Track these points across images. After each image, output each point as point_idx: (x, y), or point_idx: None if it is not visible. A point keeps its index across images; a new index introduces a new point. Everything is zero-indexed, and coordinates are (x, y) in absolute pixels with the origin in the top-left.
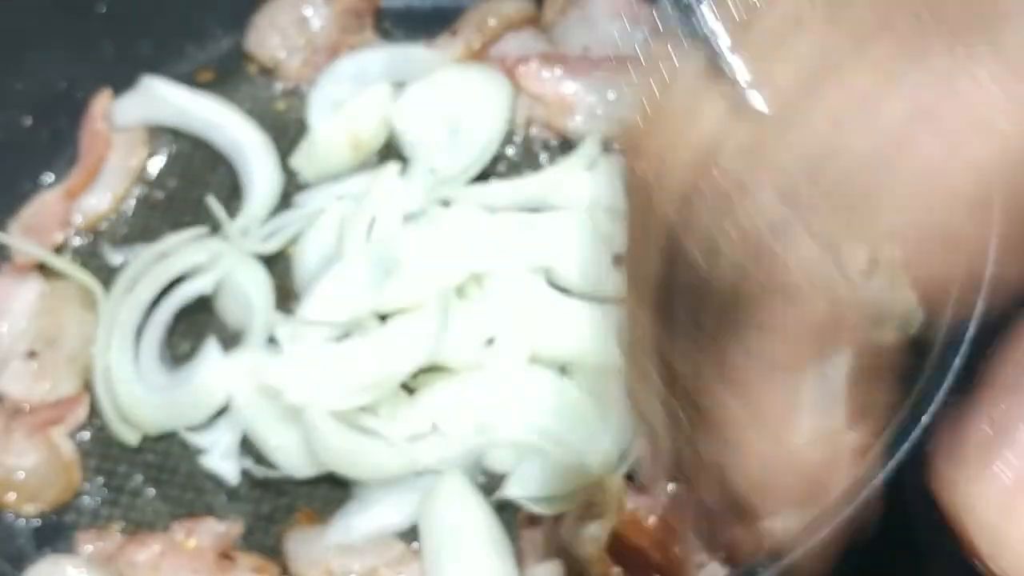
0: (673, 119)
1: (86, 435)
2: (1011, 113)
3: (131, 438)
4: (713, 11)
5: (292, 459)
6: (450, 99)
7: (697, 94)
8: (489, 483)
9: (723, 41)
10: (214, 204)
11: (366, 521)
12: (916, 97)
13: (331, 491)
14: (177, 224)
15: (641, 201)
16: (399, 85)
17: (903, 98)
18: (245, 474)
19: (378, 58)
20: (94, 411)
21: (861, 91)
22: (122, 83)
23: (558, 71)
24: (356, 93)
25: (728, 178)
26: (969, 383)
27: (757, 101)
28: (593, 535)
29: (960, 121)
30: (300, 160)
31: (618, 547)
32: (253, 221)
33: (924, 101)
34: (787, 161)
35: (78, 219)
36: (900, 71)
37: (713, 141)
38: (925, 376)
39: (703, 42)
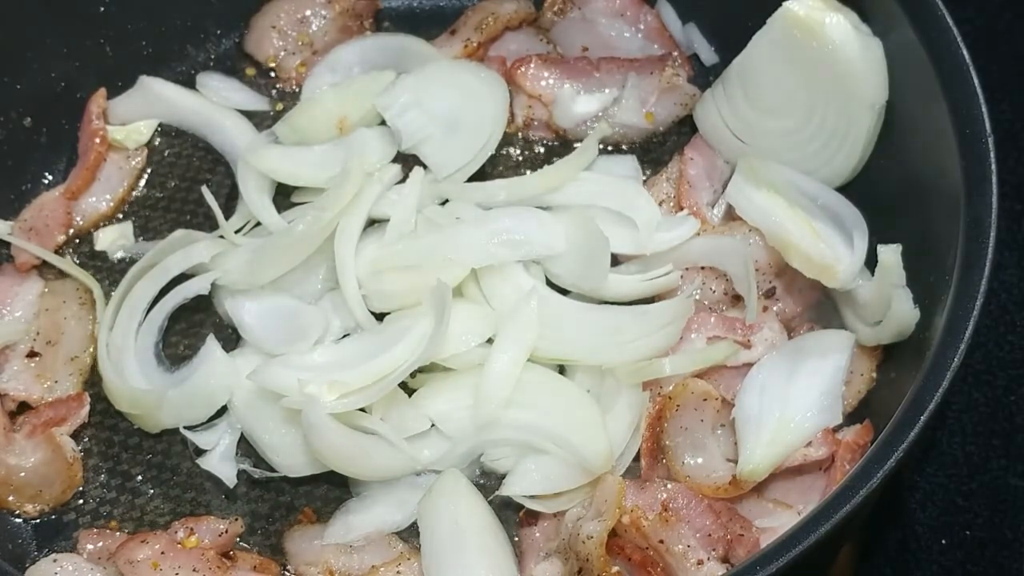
0: None
1: (87, 435)
2: None
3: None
4: None
5: (288, 459)
6: (444, 94)
7: None
8: (489, 483)
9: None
10: (209, 197)
11: (366, 520)
12: None
13: (331, 491)
14: (177, 224)
15: None
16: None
17: None
18: (245, 474)
19: (377, 46)
20: (94, 410)
21: None
22: (122, 83)
23: (557, 71)
24: (353, 77)
25: None
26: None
27: None
28: (593, 534)
29: None
30: (284, 127)
31: (618, 546)
32: (250, 219)
33: None
34: None
35: (78, 219)
36: None
37: None
38: (925, 376)
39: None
